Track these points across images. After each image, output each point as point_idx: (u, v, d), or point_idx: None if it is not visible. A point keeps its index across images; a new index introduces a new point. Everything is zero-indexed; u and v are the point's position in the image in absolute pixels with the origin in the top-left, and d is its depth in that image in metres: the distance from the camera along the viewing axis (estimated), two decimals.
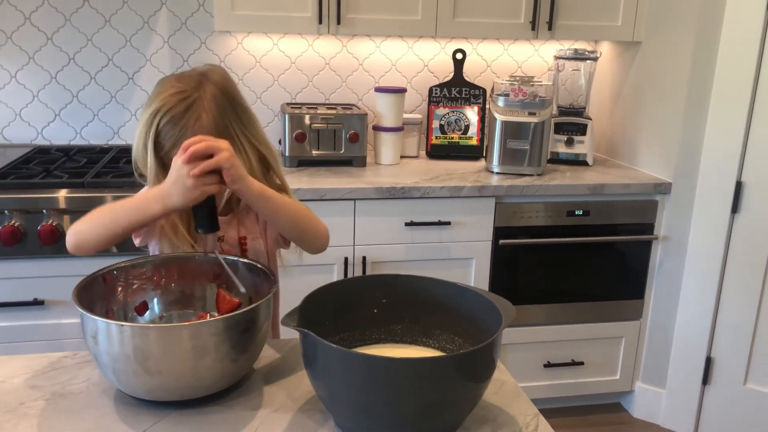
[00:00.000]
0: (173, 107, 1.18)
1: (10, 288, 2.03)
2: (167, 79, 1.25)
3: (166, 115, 1.17)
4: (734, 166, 2.30)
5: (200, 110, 1.19)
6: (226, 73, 1.29)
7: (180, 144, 1.10)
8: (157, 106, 1.18)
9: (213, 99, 1.21)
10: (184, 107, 1.18)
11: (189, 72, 1.27)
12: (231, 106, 1.24)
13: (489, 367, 0.94)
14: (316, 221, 1.27)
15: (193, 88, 1.21)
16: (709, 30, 2.28)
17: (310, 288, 1.05)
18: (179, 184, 1.07)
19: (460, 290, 1.09)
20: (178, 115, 1.18)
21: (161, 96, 1.19)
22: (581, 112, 2.71)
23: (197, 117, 1.19)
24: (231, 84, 1.27)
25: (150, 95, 1.23)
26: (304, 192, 2.16)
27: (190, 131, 1.17)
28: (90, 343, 0.97)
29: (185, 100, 1.19)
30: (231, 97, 1.25)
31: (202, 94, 1.21)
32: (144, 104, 1.24)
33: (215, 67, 1.29)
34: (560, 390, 2.60)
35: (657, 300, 2.56)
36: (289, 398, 1.04)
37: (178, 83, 1.21)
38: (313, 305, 1.01)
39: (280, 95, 2.71)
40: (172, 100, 1.18)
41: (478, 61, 2.83)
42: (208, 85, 1.22)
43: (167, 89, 1.20)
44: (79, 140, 2.61)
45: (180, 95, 1.19)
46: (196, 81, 1.22)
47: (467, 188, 2.29)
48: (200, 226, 1.12)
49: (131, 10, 2.52)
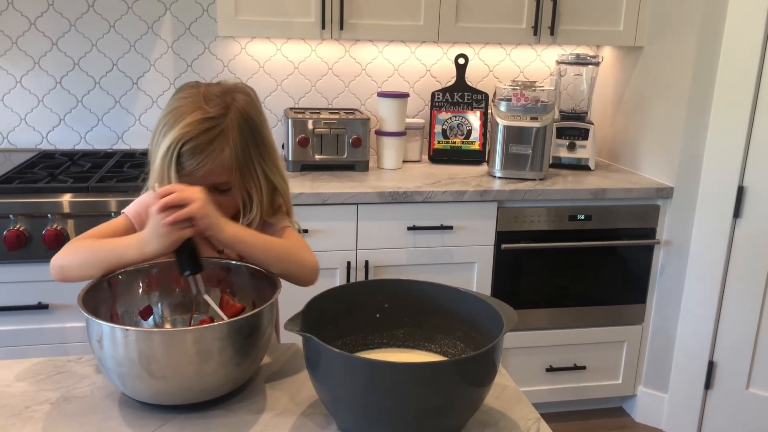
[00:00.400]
0: (198, 136, 1.14)
1: (15, 292, 2.04)
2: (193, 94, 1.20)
3: (189, 142, 1.14)
4: (736, 171, 2.30)
5: (224, 144, 1.17)
6: (251, 95, 1.25)
7: (201, 171, 1.15)
8: (181, 133, 1.14)
9: (238, 130, 1.18)
10: (209, 138, 1.15)
11: (216, 89, 1.21)
12: (253, 137, 1.21)
13: (490, 372, 0.95)
14: (300, 257, 1.21)
15: (220, 115, 1.17)
16: (710, 35, 2.29)
17: (311, 292, 1.06)
18: (154, 232, 1.08)
19: (461, 295, 1.10)
20: (200, 147, 1.15)
21: (186, 120, 1.15)
22: (583, 116, 2.72)
23: (221, 150, 1.17)
24: (255, 110, 1.24)
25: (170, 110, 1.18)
26: (306, 196, 2.17)
27: (211, 162, 1.16)
28: (95, 347, 0.98)
29: (211, 130, 1.16)
30: (255, 126, 1.22)
31: (229, 124, 1.17)
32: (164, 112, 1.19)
33: (242, 87, 1.25)
34: (562, 394, 2.60)
35: (659, 304, 2.56)
36: (291, 402, 1.05)
37: (206, 106, 1.17)
38: (316, 310, 1.02)
39: (283, 100, 2.73)
40: (197, 128, 1.14)
41: (480, 66, 2.84)
42: (234, 113, 1.19)
43: (194, 110, 1.16)
44: (83, 145, 2.62)
45: (206, 123, 1.15)
46: (224, 106, 1.18)
47: (469, 193, 2.30)
48: (183, 269, 1.12)
49: (136, 15, 2.54)
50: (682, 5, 2.40)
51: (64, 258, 1.15)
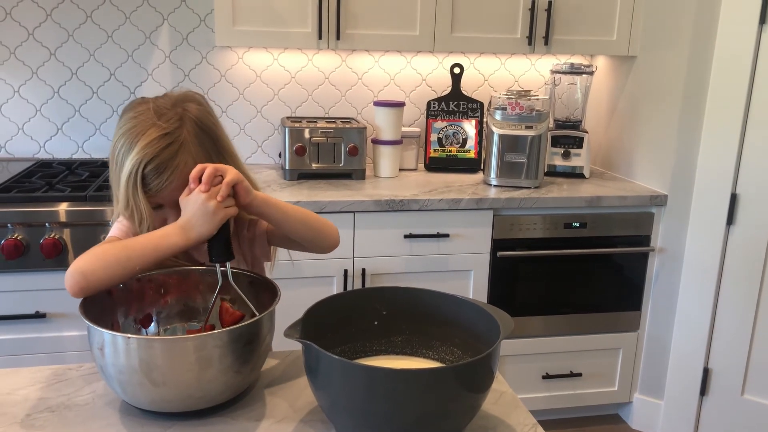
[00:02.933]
0: (159, 154, 1.13)
1: (12, 301, 2.04)
2: (144, 110, 1.17)
3: (151, 162, 1.13)
4: (729, 179, 2.33)
5: (187, 156, 1.16)
6: (203, 102, 1.25)
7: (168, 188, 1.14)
8: (141, 155, 1.13)
9: (197, 140, 1.18)
10: (170, 154, 1.14)
11: (164, 102, 1.20)
12: (212, 143, 1.22)
13: (488, 378, 0.96)
14: (323, 220, 1.29)
15: (176, 128, 1.16)
16: (702, 44, 2.32)
17: (309, 300, 1.07)
18: (201, 214, 1.08)
19: (458, 302, 1.11)
20: (165, 163, 1.14)
21: (144, 141, 1.13)
22: (578, 125, 2.74)
23: (184, 163, 1.15)
24: (209, 117, 1.23)
25: (125, 130, 1.16)
26: (304, 205, 2.16)
27: (177, 178, 1.15)
28: (96, 355, 0.99)
29: (171, 146, 1.15)
30: (212, 133, 1.22)
31: (186, 136, 1.17)
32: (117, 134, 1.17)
33: (191, 96, 1.24)
34: (558, 401, 2.61)
35: (654, 311, 2.57)
36: (291, 409, 1.06)
37: (159, 122, 1.15)
38: (315, 317, 1.03)
39: (280, 109, 2.74)
40: (156, 146, 1.13)
41: (475, 75, 2.87)
42: (189, 123, 1.18)
43: (148, 131, 1.14)
44: (81, 154, 2.63)
45: (164, 140, 1.14)
46: (177, 117, 1.17)
47: (465, 201, 2.32)
48: (216, 255, 1.12)
49: (133, 25, 2.55)
50: (675, 15, 2.43)
51: (86, 264, 1.06)
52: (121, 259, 1.08)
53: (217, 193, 1.09)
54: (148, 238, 1.12)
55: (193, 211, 1.09)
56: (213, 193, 1.08)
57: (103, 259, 1.08)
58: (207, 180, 1.08)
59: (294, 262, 1.49)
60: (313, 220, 1.26)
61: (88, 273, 1.05)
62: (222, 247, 1.12)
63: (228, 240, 1.13)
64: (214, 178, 1.09)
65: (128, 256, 1.08)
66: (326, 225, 1.29)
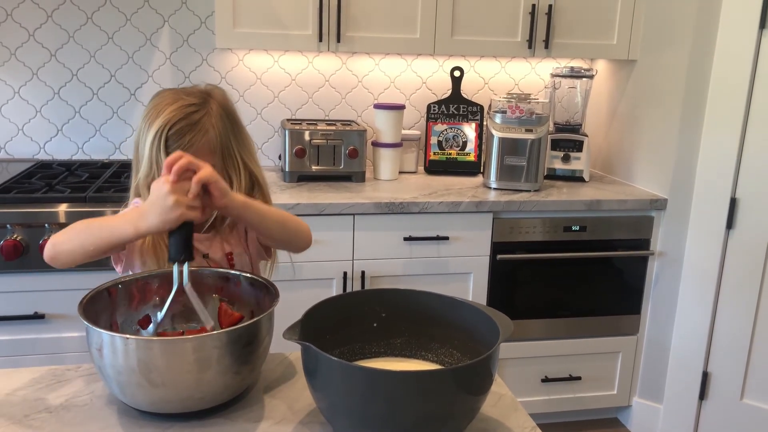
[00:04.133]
0: (182, 119, 1.20)
1: (11, 302, 2.04)
2: (170, 92, 1.26)
3: (176, 124, 1.19)
4: (728, 183, 2.33)
5: (208, 126, 1.23)
6: (226, 93, 1.32)
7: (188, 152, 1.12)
8: (168, 118, 1.19)
9: (219, 117, 1.25)
10: (193, 121, 1.21)
11: (191, 88, 1.29)
12: (232, 126, 1.28)
13: (487, 381, 0.96)
14: (298, 221, 1.30)
15: (201, 103, 1.24)
16: (702, 49, 2.32)
17: (309, 302, 1.07)
18: (158, 205, 1.02)
19: (458, 304, 1.11)
20: (187, 127, 1.20)
21: (170, 108, 1.20)
22: (577, 128, 2.75)
23: (205, 131, 1.22)
24: (231, 104, 1.32)
25: (150, 108, 1.24)
26: (303, 207, 2.19)
27: (196, 145, 1.20)
28: (95, 356, 0.99)
29: (195, 114, 1.22)
30: (232, 117, 1.29)
31: (210, 110, 1.24)
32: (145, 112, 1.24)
33: (216, 87, 1.32)
34: (558, 405, 2.61)
35: (653, 315, 2.57)
36: (289, 411, 1.06)
37: (187, 97, 1.23)
38: (314, 319, 1.03)
39: (280, 111, 2.75)
40: (181, 112, 1.20)
41: (475, 78, 2.87)
42: (214, 103, 1.26)
43: (175, 101, 1.22)
44: (80, 155, 2.63)
45: (189, 108, 1.21)
46: (202, 97, 1.26)
47: (465, 204, 2.32)
48: (176, 253, 1.04)
49: (134, 27, 2.56)
50: (675, 19, 2.43)
51: (58, 236, 1.14)
52: (81, 237, 1.11)
53: (183, 189, 1.03)
54: (109, 220, 1.13)
55: (152, 200, 1.04)
56: (178, 188, 1.03)
57: (70, 234, 1.13)
58: (177, 171, 1.02)
59: (294, 264, 1.49)
60: (289, 223, 1.27)
61: (55, 244, 1.14)
62: (181, 245, 1.04)
63: (188, 238, 1.04)
64: (186, 171, 1.04)
65: (86, 236, 1.11)
66: (301, 227, 1.30)
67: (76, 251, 1.11)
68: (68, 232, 1.13)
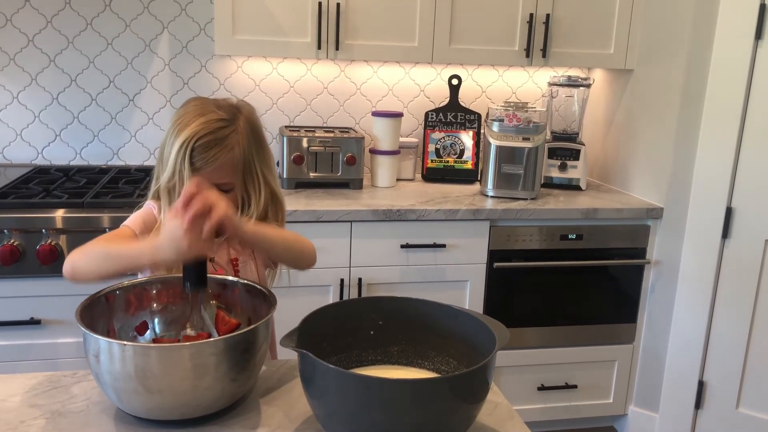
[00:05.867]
0: (210, 133, 1.21)
1: (7, 307, 2.04)
2: (201, 102, 1.27)
3: (204, 137, 1.21)
4: (724, 192, 2.34)
5: (234, 143, 1.24)
6: (254, 110, 1.34)
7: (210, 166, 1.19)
8: (197, 129, 1.21)
9: (246, 134, 1.27)
10: (220, 137, 1.22)
11: (222, 101, 1.30)
12: (256, 143, 1.30)
13: (483, 389, 0.96)
14: (304, 242, 1.33)
15: (230, 119, 1.25)
16: (699, 58, 2.34)
17: (306, 309, 1.07)
18: (174, 245, 1.05)
19: (454, 313, 1.11)
20: (213, 142, 1.22)
21: (199, 120, 1.22)
22: (574, 137, 2.76)
23: (230, 149, 1.24)
24: (258, 121, 1.34)
25: (180, 116, 1.25)
26: (301, 213, 2.19)
27: (221, 160, 1.22)
28: (92, 362, 0.99)
29: (224, 129, 1.23)
30: (258, 134, 1.31)
31: (238, 127, 1.26)
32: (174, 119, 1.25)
33: (246, 104, 1.34)
34: (554, 413, 2.61)
35: (649, 324, 2.58)
36: (286, 418, 1.06)
37: (217, 110, 1.25)
38: (311, 327, 1.03)
39: (278, 118, 2.75)
40: (209, 126, 1.22)
41: (473, 86, 2.88)
42: (243, 119, 1.28)
43: (204, 113, 1.23)
44: (78, 161, 2.63)
45: (218, 123, 1.23)
46: (232, 113, 1.27)
47: (462, 211, 2.32)
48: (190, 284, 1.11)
49: (133, 33, 2.56)
50: (672, 30, 2.45)
51: (78, 259, 1.16)
52: (100, 260, 1.15)
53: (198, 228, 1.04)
54: (128, 251, 1.15)
55: (168, 238, 1.06)
56: (192, 228, 1.04)
57: (90, 256, 1.16)
58: (191, 219, 1.03)
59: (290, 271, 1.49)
60: (296, 245, 1.30)
61: (74, 263, 1.16)
62: (195, 276, 1.10)
63: (202, 269, 1.11)
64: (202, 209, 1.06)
65: (105, 261, 1.14)
66: (306, 248, 1.33)
67: (93, 274, 1.15)
68: (88, 255, 1.16)
